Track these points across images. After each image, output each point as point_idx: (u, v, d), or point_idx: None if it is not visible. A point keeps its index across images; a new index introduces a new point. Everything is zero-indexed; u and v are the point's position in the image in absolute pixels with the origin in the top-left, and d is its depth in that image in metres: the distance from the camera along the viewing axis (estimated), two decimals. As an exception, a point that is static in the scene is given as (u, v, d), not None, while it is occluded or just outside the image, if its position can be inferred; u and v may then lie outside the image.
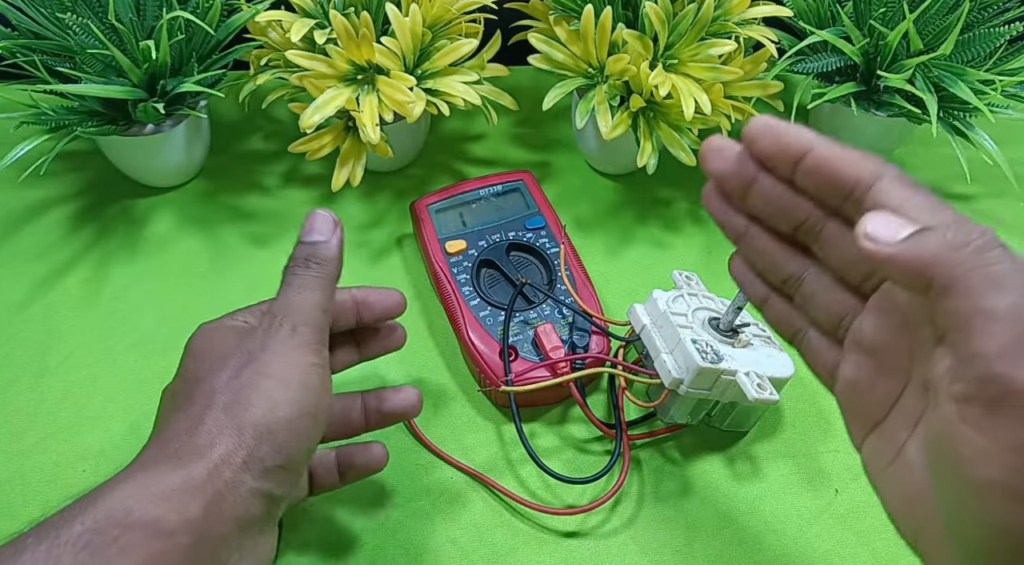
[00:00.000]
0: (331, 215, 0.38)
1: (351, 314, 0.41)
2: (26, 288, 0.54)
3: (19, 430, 0.47)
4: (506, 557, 0.43)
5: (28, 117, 0.50)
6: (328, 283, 0.37)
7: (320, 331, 0.36)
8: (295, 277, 0.37)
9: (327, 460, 0.41)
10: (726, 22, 0.53)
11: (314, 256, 0.37)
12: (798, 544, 0.44)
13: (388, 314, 0.42)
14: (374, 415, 0.42)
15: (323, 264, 0.37)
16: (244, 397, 0.32)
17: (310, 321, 0.35)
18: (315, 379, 0.34)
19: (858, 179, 0.26)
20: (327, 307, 0.36)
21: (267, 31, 0.54)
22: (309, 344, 0.35)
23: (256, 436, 0.32)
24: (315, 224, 0.37)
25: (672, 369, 0.43)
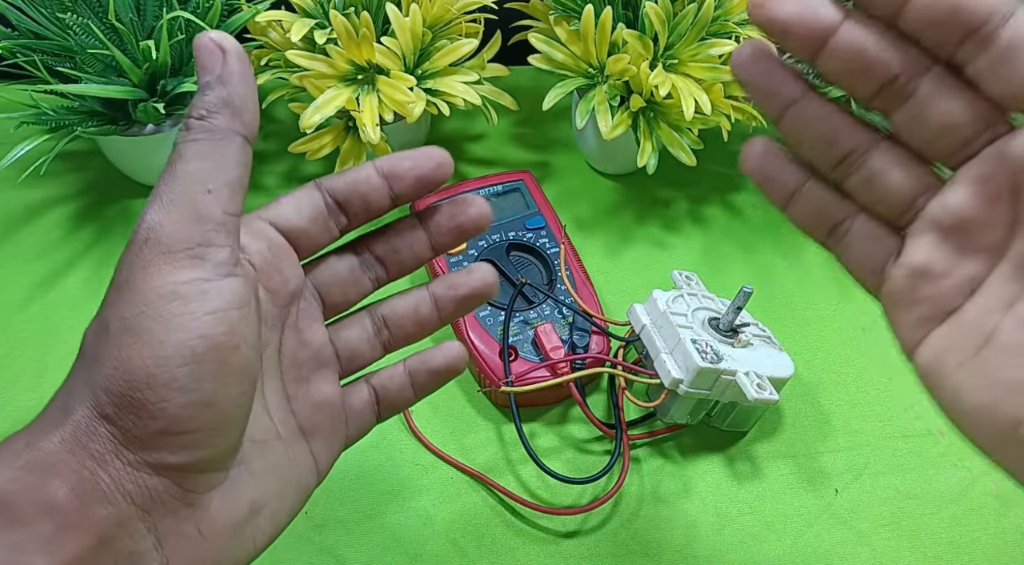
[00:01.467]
0: (214, 36, 0.26)
1: (382, 192, 0.31)
2: (26, 288, 0.54)
3: (19, 430, 0.47)
4: (506, 557, 0.43)
5: (28, 117, 0.50)
6: (214, 145, 0.26)
7: (198, 223, 0.25)
8: (172, 152, 0.26)
9: (397, 375, 0.33)
10: (726, 22, 0.53)
11: (195, 109, 0.26)
12: (798, 544, 0.44)
13: (430, 180, 0.31)
14: (448, 305, 0.33)
15: (206, 118, 0.26)
16: (97, 347, 0.25)
17: (177, 213, 0.25)
18: (181, 308, 0.24)
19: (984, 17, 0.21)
20: (215, 182, 0.26)
21: (267, 31, 0.54)
22: (172, 252, 0.25)
23: (113, 402, 0.24)
24: (200, 60, 0.26)
25: (672, 369, 0.43)
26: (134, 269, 0.25)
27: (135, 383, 0.24)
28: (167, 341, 0.24)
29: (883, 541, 0.44)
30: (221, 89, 0.26)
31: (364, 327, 0.33)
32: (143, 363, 0.24)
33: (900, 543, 0.44)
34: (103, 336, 0.25)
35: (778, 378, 0.43)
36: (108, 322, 0.25)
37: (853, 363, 0.51)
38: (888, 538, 0.44)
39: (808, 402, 0.50)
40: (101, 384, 0.24)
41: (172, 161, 0.26)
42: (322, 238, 0.31)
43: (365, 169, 0.31)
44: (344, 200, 0.31)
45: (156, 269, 0.25)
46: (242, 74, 0.26)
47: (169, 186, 0.25)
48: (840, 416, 0.49)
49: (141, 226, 0.25)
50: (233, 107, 0.26)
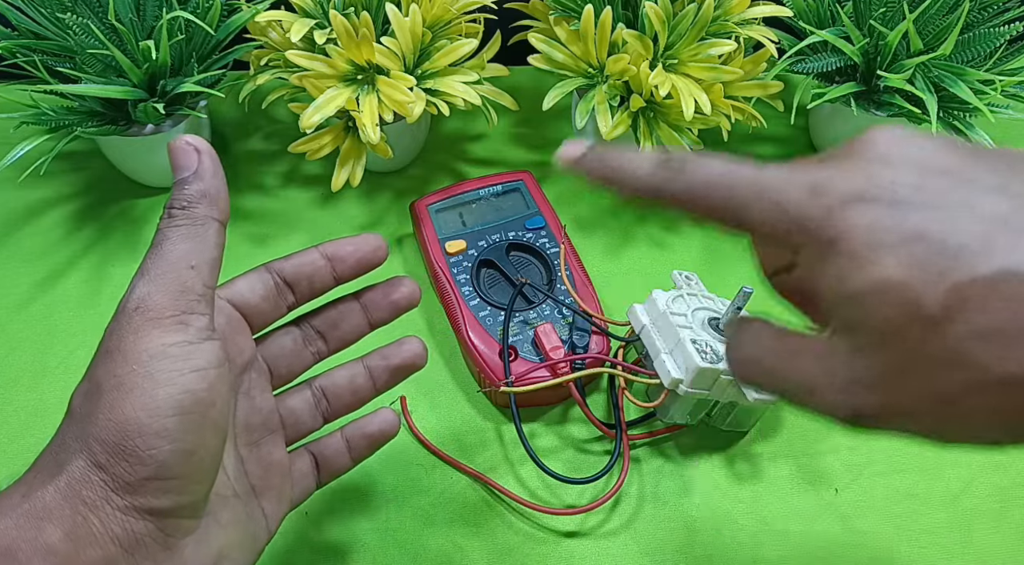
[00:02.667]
0: (190, 140, 0.31)
1: (326, 272, 0.36)
2: (26, 288, 0.54)
3: (19, 430, 0.47)
4: (506, 557, 0.43)
5: (28, 117, 0.50)
6: (195, 230, 0.30)
7: (183, 295, 0.29)
8: (156, 235, 0.30)
9: (334, 442, 0.38)
10: (726, 22, 0.53)
11: (177, 200, 0.30)
12: (798, 544, 0.44)
13: (367, 264, 0.36)
14: (382, 375, 0.38)
15: (187, 208, 0.30)
16: (92, 404, 0.27)
17: (164, 286, 0.29)
18: (170, 365, 0.28)
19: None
20: (197, 260, 0.29)
21: (267, 31, 0.54)
22: (160, 318, 0.28)
23: (107, 451, 0.27)
24: (176, 160, 0.30)
25: (672, 369, 0.43)
26: (124, 334, 0.28)
27: (128, 432, 0.27)
28: (157, 395, 0.27)
29: (883, 541, 0.44)
30: (199, 183, 0.30)
31: (305, 398, 0.37)
32: (135, 414, 0.27)
33: (900, 543, 0.44)
34: (94, 395, 0.27)
35: (778, 378, 0.43)
36: (99, 382, 0.28)
37: (853, 363, 0.51)
38: (888, 538, 0.44)
39: (808, 402, 0.50)
40: (95, 435, 0.27)
41: (157, 243, 0.29)
42: (272, 314, 0.35)
43: (311, 254, 0.35)
44: (292, 281, 0.35)
45: (146, 333, 0.28)
46: (214, 170, 0.31)
47: (156, 263, 0.29)
48: (840, 416, 0.49)
49: (131, 298, 0.28)
50: (209, 197, 0.30)
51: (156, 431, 0.27)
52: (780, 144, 0.65)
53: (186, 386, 0.28)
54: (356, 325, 0.37)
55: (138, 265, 0.29)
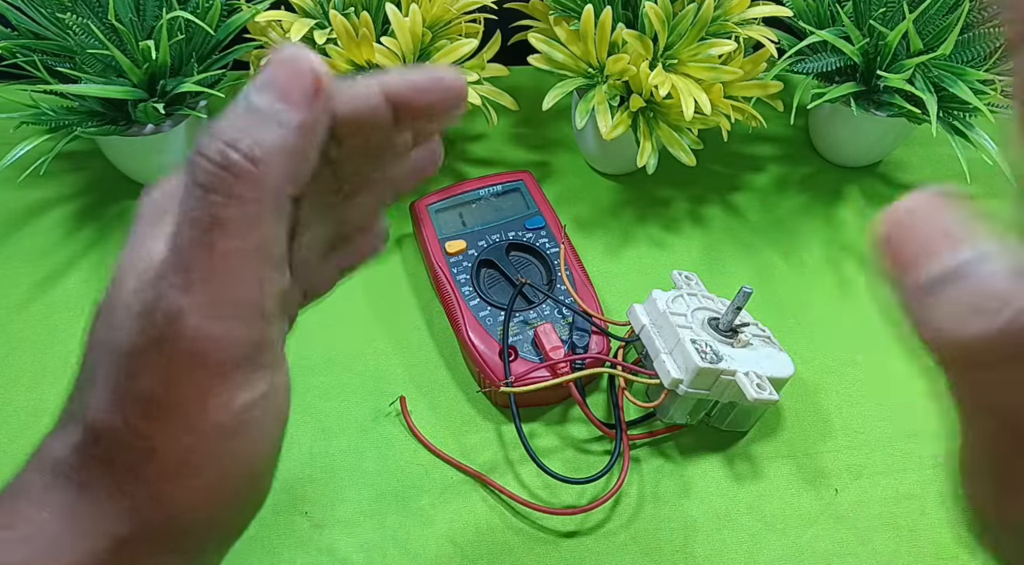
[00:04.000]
0: (307, 59, 0.20)
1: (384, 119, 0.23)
2: (26, 288, 0.54)
3: (19, 430, 0.47)
4: (506, 557, 0.43)
5: (28, 117, 0.50)
6: (268, 212, 0.19)
7: (253, 326, 0.20)
8: (195, 201, 0.19)
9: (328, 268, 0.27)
10: (726, 22, 0.53)
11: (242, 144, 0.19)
12: (798, 544, 0.44)
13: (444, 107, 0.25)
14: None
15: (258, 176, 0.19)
16: (135, 462, 0.21)
17: (225, 313, 0.19)
18: (247, 435, 0.21)
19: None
20: (266, 267, 0.20)
21: (267, 31, 0.54)
22: (231, 366, 0.20)
23: (157, 524, 0.22)
24: (272, 77, 0.20)
25: (671, 369, 0.43)
26: (183, 389, 0.20)
27: (180, 521, 0.22)
28: (231, 474, 0.22)
29: (883, 541, 0.44)
30: (290, 132, 0.19)
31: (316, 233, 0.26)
32: (203, 505, 0.22)
33: (900, 543, 0.44)
34: (140, 453, 0.21)
35: (778, 378, 0.43)
36: (154, 445, 0.21)
37: (853, 363, 0.51)
38: (888, 538, 0.44)
39: (808, 402, 0.50)
40: (152, 512, 0.22)
41: (206, 228, 0.19)
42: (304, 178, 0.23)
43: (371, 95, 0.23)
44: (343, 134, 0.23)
45: (214, 395, 0.20)
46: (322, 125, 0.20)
47: (210, 274, 0.19)
48: (840, 416, 0.49)
49: (181, 332, 0.19)
50: (295, 157, 0.19)
51: (222, 516, 0.22)
52: (780, 144, 0.65)
53: (252, 463, 0.22)
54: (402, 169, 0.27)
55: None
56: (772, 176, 0.63)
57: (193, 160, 0.19)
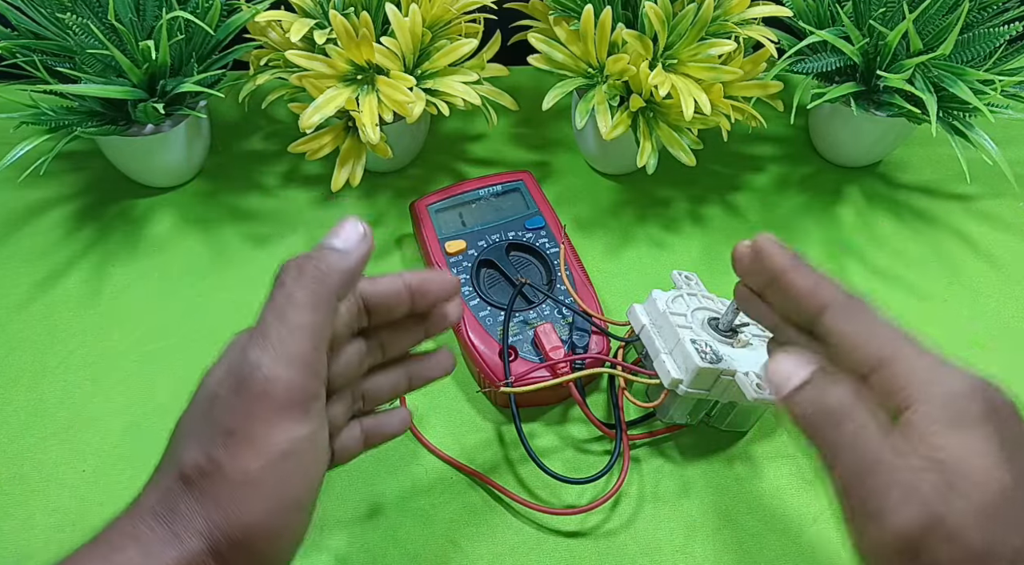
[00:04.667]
0: (361, 224, 0.31)
1: (406, 305, 0.34)
2: (26, 288, 0.54)
3: (19, 430, 0.47)
4: (506, 557, 0.43)
5: (28, 117, 0.50)
6: (324, 301, 0.29)
7: (310, 378, 0.28)
8: (280, 289, 0.29)
9: (352, 433, 0.36)
10: (726, 22, 0.53)
11: (317, 260, 0.29)
12: (798, 544, 0.44)
13: (444, 297, 0.35)
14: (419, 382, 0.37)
15: (323, 275, 0.29)
16: (212, 488, 0.27)
17: (292, 365, 0.28)
18: (298, 465, 0.28)
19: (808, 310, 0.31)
20: (319, 339, 0.29)
21: (267, 31, 0.54)
22: (290, 404, 0.28)
23: (230, 545, 0.27)
24: (339, 230, 0.31)
25: (671, 369, 0.43)
26: (252, 419, 0.27)
27: (255, 534, 0.27)
28: (285, 496, 0.28)
29: (883, 541, 0.44)
30: (344, 259, 0.30)
31: (346, 402, 0.35)
32: (265, 519, 0.27)
33: (900, 543, 0.44)
34: (219, 479, 0.27)
35: (778, 378, 0.43)
36: (223, 466, 0.27)
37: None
38: (888, 538, 0.44)
39: (808, 402, 0.50)
40: (221, 528, 0.27)
41: (281, 303, 0.28)
42: (344, 338, 0.33)
43: (395, 283, 0.34)
44: (373, 308, 0.34)
45: (276, 424, 0.27)
46: (363, 257, 0.31)
47: (283, 337, 0.28)
48: (840, 416, 0.49)
49: (257, 375, 0.27)
50: (347, 276, 0.30)
51: (280, 533, 0.28)
52: (780, 144, 0.65)
53: (310, 483, 0.29)
54: (415, 340, 0.36)
55: (138, 264, 0.29)
56: (772, 176, 0.63)
57: (279, 270, 0.29)
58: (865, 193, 0.61)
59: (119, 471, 0.45)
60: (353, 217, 0.31)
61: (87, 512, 0.44)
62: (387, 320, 0.34)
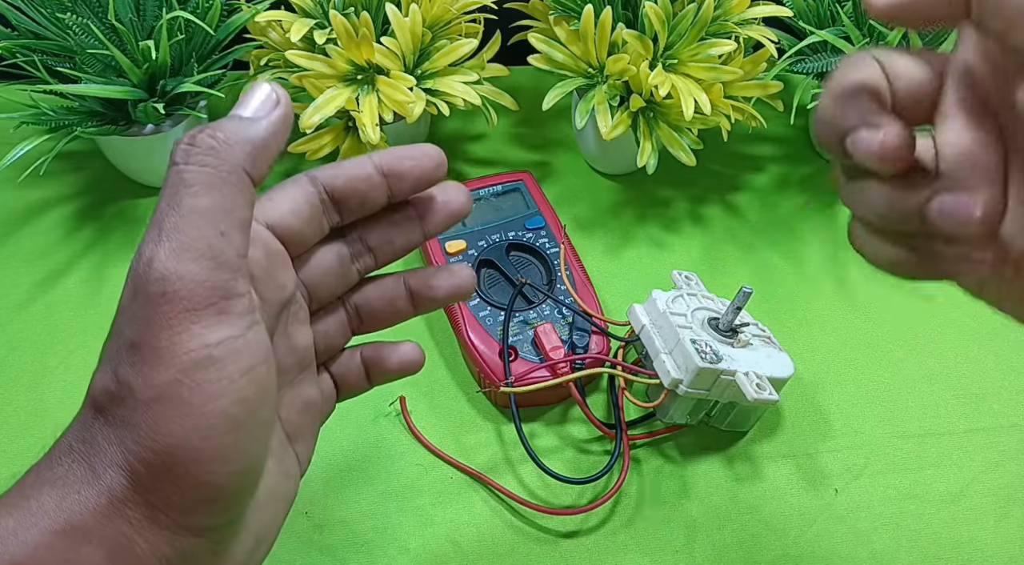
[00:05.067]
0: (275, 88, 0.26)
1: (380, 191, 0.29)
2: (26, 288, 0.54)
3: (19, 430, 0.47)
4: (506, 557, 0.43)
5: (28, 117, 0.50)
6: (226, 177, 0.24)
7: (217, 271, 0.23)
8: (172, 170, 0.24)
9: (354, 365, 0.32)
10: (726, 22, 0.53)
11: (209, 135, 0.24)
12: (798, 544, 0.44)
13: (429, 180, 0.30)
14: (425, 302, 0.32)
15: (222, 146, 0.24)
16: (124, 412, 0.23)
17: (193, 260, 0.23)
18: (217, 373, 0.23)
19: None
20: (228, 222, 0.24)
21: (267, 31, 0.54)
22: (196, 308, 0.23)
23: (153, 474, 0.23)
24: (246, 98, 0.26)
25: (671, 369, 0.43)
26: (155, 328, 0.23)
27: (177, 458, 0.23)
28: (207, 411, 0.23)
29: (883, 541, 0.44)
30: (251, 127, 0.25)
31: (340, 317, 0.32)
32: (186, 437, 0.23)
33: (900, 543, 0.44)
34: (129, 402, 0.23)
35: (778, 378, 0.43)
36: (132, 386, 0.23)
37: (853, 363, 0.51)
38: (888, 538, 0.44)
39: (808, 402, 0.50)
40: (138, 455, 0.23)
41: (176, 190, 0.24)
42: (314, 237, 0.29)
43: (364, 166, 0.29)
44: (341, 198, 0.29)
45: (183, 329, 0.23)
46: (276, 127, 0.25)
47: (177, 225, 0.23)
48: (840, 416, 0.49)
49: (151, 274, 0.23)
50: (253, 147, 0.25)
51: (210, 455, 0.23)
52: (780, 144, 0.65)
53: (238, 395, 0.23)
54: (411, 237, 0.31)
55: None
56: (772, 176, 0.63)
57: (173, 147, 0.25)
58: (865, 193, 0.61)
59: (119, 471, 0.45)
60: (261, 82, 0.26)
61: (87, 512, 0.44)
62: (363, 213, 0.30)
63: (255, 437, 0.24)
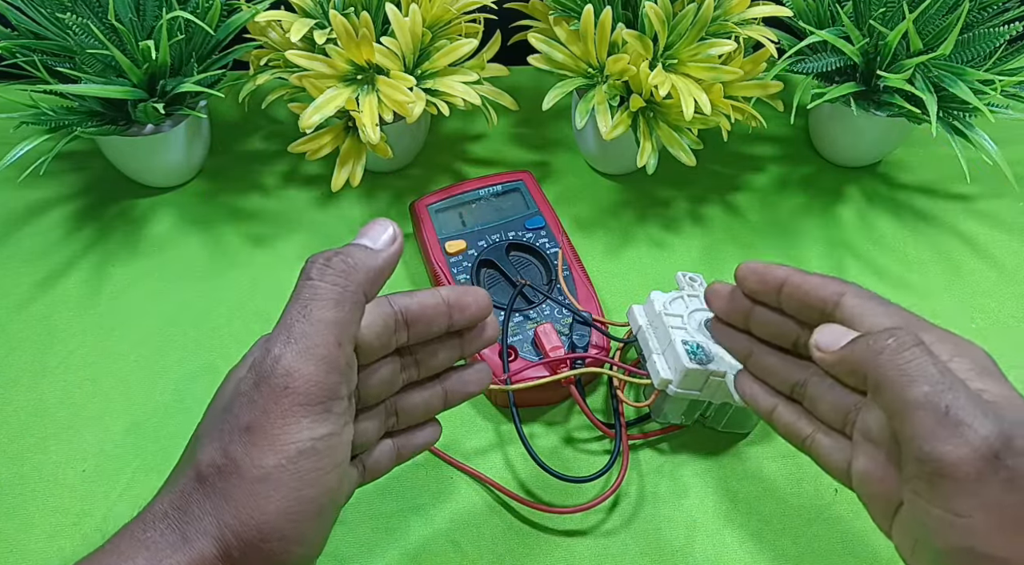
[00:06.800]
0: (392, 225, 0.31)
1: (444, 320, 0.34)
2: (26, 288, 0.54)
3: (19, 430, 0.47)
4: (506, 557, 0.43)
5: (28, 117, 0.50)
6: (350, 297, 0.28)
7: (331, 375, 0.27)
8: (305, 283, 0.28)
9: (385, 449, 0.36)
10: (726, 22, 0.53)
11: (342, 258, 0.29)
12: (798, 544, 0.44)
13: (478, 318, 0.35)
14: (457, 398, 0.37)
15: (350, 270, 0.28)
16: (226, 486, 0.26)
17: (314, 362, 0.27)
18: (316, 464, 0.27)
19: (825, 299, 0.33)
20: (344, 335, 0.28)
21: (267, 31, 0.54)
22: (311, 400, 0.27)
23: (242, 546, 0.26)
24: (368, 230, 0.30)
25: (661, 370, 0.43)
26: (272, 416, 0.26)
27: (268, 535, 0.26)
28: (302, 496, 0.27)
29: (883, 541, 0.44)
30: (374, 257, 0.29)
31: (379, 418, 0.35)
32: (279, 520, 0.26)
33: (900, 543, 0.44)
34: (233, 476, 0.26)
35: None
36: (239, 463, 0.26)
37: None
38: (888, 538, 0.44)
39: (808, 402, 0.50)
40: (233, 528, 0.26)
41: (305, 299, 0.28)
42: (383, 351, 0.33)
43: (434, 297, 0.34)
44: (412, 321, 0.33)
45: (295, 421, 0.27)
46: (392, 259, 0.30)
47: (305, 331, 0.27)
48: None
49: (278, 369, 0.27)
50: (373, 274, 0.29)
51: (296, 537, 0.27)
52: (780, 144, 0.65)
53: (328, 486, 0.27)
54: (451, 357, 0.36)
55: (138, 264, 0.29)
56: (772, 176, 0.63)
57: (306, 263, 0.29)
58: (865, 193, 0.61)
59: (119, 471, 0.45)
60: (384, 218, 0.31)
61: (87, 512, 0.44)
62: (425, 336, 0.34)
63: (327, 524, 0.28)
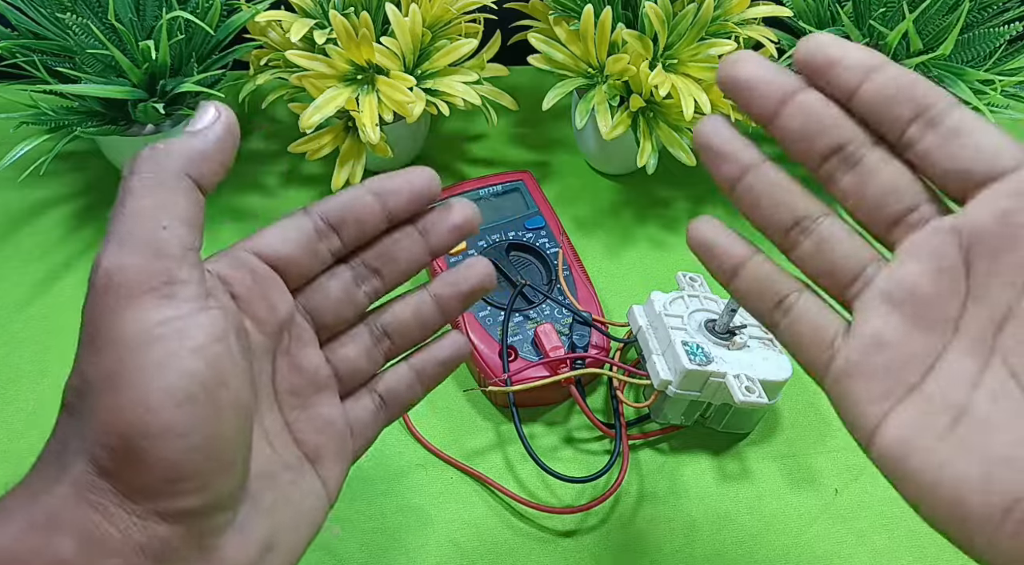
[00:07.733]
0: (213, 104, 0.27)
1: (376, 210, 0.31)
2: (26, 288, 0.54)
3: (19, 430, 0.47)
4: (506, 557, 0.43)
5: (28, 117, 0.50)
6: (166, 183, 0.25)
7: (157, 259, 0.24)
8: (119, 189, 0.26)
9: (401, 376, 0.33)
10: (726, 22, 0.53)
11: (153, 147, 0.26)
12: (798, 544, 0.44)
13: (422, 198, 0.31)
14: (452, 302, 0.33)
15: (159, 159, 0.26)
16: (86, 401, 0.24)
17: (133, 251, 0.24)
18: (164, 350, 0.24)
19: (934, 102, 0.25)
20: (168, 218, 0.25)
21: (267, 31, 0.54)
22: (138, 294, 0.24)
23: (112, 456, 0.23)
24: (193, 118, 0.27)
25: (661, 370, 0.43)
26: (102, 319, 0.25)
27: (130, 435, 0.23)
28: (153, 387, 0.23)
29: (883, 541, 0.44)
30: (194, 138, 0.26)
31: (363, 341, 0.32)
32: (134, 414, 0.23)
33: (900, 543, 0.44)
34: (86, 392, 0.24)
35: (773, 380, 0.43)
36: (88, 376, 0.24)
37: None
38: (888, 538, 0.44)
39: (807, 403, 0.50)
40: (96, 439, 0.24)
41: (121, 199, 0.25)
42: (312, 264, 0.30)
43: (356, 190, 0.31)
44: (336, 221, 0.30)
45: (126, 314, 0.24)
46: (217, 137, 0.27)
47: (121, 224, 0.25)
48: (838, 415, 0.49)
49: (98, 272, 0.24)
50: (190, 155, 0.26)
51: (160, 429, 0.23)
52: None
53: (185, 369, 0.24)
54: (416, 255, 0.32)
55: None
56: (772, 176, 0.63)
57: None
58: (865, 193, 0.61)
59: (119, 471, 0.45)
60: (211, 102, 0.27)
61: (87, 512, 0.44)
62: (364, 236, 0.31)
63: (213, 416, 0.24)
